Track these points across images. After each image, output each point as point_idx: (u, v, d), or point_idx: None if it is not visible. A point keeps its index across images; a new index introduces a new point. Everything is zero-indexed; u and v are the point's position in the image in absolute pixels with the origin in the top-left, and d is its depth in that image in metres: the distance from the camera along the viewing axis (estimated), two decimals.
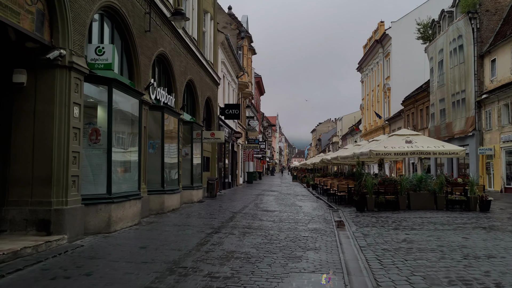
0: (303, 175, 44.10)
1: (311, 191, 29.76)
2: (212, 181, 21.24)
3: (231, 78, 29.48)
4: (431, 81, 37.34)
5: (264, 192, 27.28)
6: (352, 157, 20.65)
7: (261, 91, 57.12)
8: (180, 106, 16.85)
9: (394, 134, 18.70)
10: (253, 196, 23.10)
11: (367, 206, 16.18)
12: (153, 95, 13.78)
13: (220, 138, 20.23)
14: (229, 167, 29.14)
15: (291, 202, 19.79)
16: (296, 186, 37.38)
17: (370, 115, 57.39)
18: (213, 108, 23.48)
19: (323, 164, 35.43)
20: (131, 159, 11.54)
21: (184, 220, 12.71)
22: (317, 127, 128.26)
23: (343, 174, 35.22)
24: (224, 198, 21.11)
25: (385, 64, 51.04)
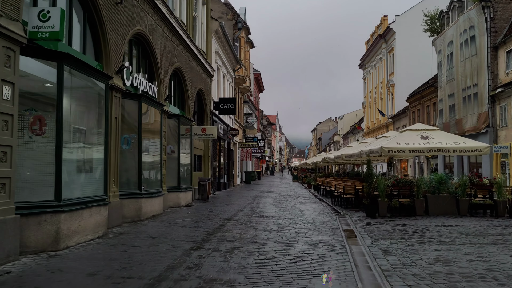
0: (303, 175, 41.84)
1: (312, 192, 27.54)
2: (204, 182, 19.00)
3: (227, 71, 27.26)
4: (439, 75, 35.07)
5: (262, 193, 25.04)
6: (358, 155, 18.40)
7: (260, 88, 54.77)
8: (165, 97, 14.61)
9: (407, 129, 16.45)
10: (249, 199, 20.86)
11: (378, 211, 13.95)
12: (128, 81, 11.54)
13: (212, 134, 18.02)
14: (225, 167, 26.94)
15: (292, 206, 17.55)
16: (296, 186, 35.14)
17: (373, 113, 55.11)
18: (205, 101, 21.24)
19: (325, 163, 33.18)
20: (93, 156, 9.29)
21: (162, 230, 10.46)
22: (318, 126, 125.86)
23: (346, 173, 32.99)
24: (217, 201, 18.87)
25: (388, 59, 48.80)
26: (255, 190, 27.66)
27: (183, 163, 16.59)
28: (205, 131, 18.00)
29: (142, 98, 11.93)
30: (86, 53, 9.86)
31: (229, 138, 28.21)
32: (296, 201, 20.21)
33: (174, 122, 15.76)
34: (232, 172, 29.48)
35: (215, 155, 23.93)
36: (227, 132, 27.08)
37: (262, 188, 31.23)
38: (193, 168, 18.71)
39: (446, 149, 14.88)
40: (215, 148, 24.07)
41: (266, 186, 34.75)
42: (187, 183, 16.84)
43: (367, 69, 58.47)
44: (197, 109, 20.78)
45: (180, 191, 15.63)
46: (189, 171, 17.43)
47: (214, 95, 23.38)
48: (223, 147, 26.71)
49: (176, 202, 15.40)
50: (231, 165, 29.46)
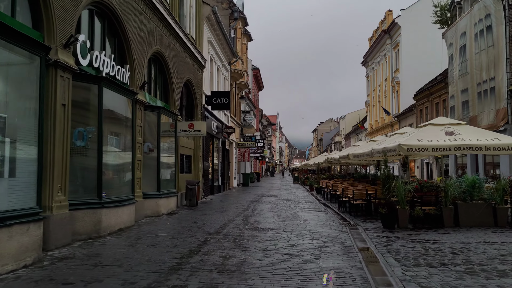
0: (305, 177, 39.21)
1: (315, 195, 24.93)
2: (192, 185, 16.40)
3: (222, 63, 24.70)
4: (450, 70, 32.41)
5: (260, 197, 22.42)
6: (369, 155, 15.76)
7: (260, 86, 52.11)
8: (140, 84, 12.02)
9: (428, 123, 13.82)
10: (245, 204, 18.24)
11: (398, 222, 11.34)
12: (84, 60, 8.95)
13: (201, 131, 15.44)
14: (219, 168, 24.36)
15: (292, 213, 14.93)
16: (297, 189, 32.50)
17: (377, 112, 52.51)
18: (195, 95, 18.64)
19: (328, 164, 30.59)
20: (18, 155, 6.69)
21: (122, 252, 7.86)
22: (319, 126, 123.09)
23: (351, 175, 30.40)
24: (207, 208, 16.26)
25: (393, 56, 46.22)
26: (253, 194, 25.05)
27: (165, 164, 13.99)
28: (193, 127, 15.40)
29: (103, 81, 9.33)
30: (18, 18, 7.29)
31: (224, 137, 25.62)
32: (298, 207, 17.61)
33: (153, 116, 13.16)
34: (227, 173, 26.91)
35: (207, 155, 21.33)
36: (221, 130, 24.50)
37: (261, 191, 28.62)
38: (179, 169, 16.11)
39: (477, 147, 12.24)
40: (208, 147, 21.48)
41: (265, 188, 32.14)
42: (169, 188, 14.23)
43: (370, 66, 55.97)
44: (186, 103, 18.19)
45: (160, 197, 13.01)
46: (173, 173, 14.83)
47: (206, 88, 20.81)
48: (217, 146, 24.12)
49: (155, 211, 12.79)
50: (227, 166, 26.89)
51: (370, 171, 39.69)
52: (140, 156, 11.94)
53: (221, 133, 24.46)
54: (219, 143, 24.36)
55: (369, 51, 54.40)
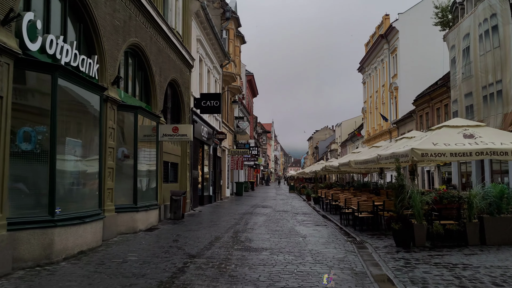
0: (301, 186, 37.44)
1: (313, 206, 23.17)
2: (178, 196, 14.59)
3: (213, 65, 23.01)
4: (453, 73, 30.88)
5: (253, 209, 20.61)
6: (373, 161, 14.04)
7: (254, 92, 50.41)
8: (112, 80, 10.27)
9: (443, 125, 12.13)
10: (236, 217, 16.43)
11: (414, 240, 9.60)
12: (34, 43, 7.19)
13: (186, 135, 13.67)
14: (210, 177, 22.55)
15: (289, 228, 13.14)
16: (294, 199, 30.70)
17: (374, 119, 50.99)
18: (182, 96, 16.90)
19: (326, 172, 28.86)
20: None
21: (72, 285, 6.06)
22: (314, 135, 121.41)
23: (351, 184, 28.68)
24: (193, 221, 14.43)
25: (391, 61, 44.83)
26: (246, 205, 23.23)
27: (144, 172, 12.18)
28: (178, 130, 13.61)
29: (59, 70, 7.56)
30: None
31: (216, 143, 23.85)
32: (295, 219, 15.81)
33: (130, 117, 11.39)
34: (219, 183, 25.09)
35: (196, 162, 19.53)
36: (212, 136, 22.74)
37: (255, 201, 26.79)
38: (163, 178, 14.32)
39: (502, 151, 10.52)
40: (197, 154, 19.69)
41: (260, 198, 30.32)
42: (149, 199, 12.40)
43: (367, 72, 54.59)
44: (171, 105, 16.43)
45: (137, 210, 11.19)
46: (154, 182, 13.02)
47: (195, 90, 19.08)
48: (207, 153, 22.34)
49: (130, 226, 10.96)
50: (219, 175, 25.09)
51: (370, 179, 37.98)
52: (112, 163, 10.15)
53: (212, 139, 22.70)
54: (209, 150, 22.57)
55: (366, 56, 53.05)
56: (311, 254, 8.64)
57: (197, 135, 19.09)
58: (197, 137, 19.21)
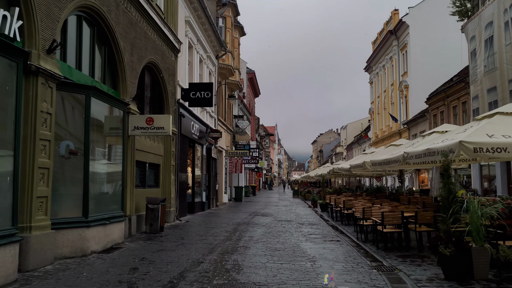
0: (306, 190, 34.37)
1: (319, 213, 20.15)
2: (154, 204, 11.62)
3: (206, 54, 20.11)
4: (473, 67, 27.77)
5: (252, 217, 17.60)
6: (398, 161, 11.02)
7: (256, 92, 47.37)
8: (49, 45, 7.35)
9: (497, 112, 9.15)
10: (229, 229, 13.43)
11: (473, 271, 6.59)
12: None
13: (163, 128, 10.75)
14: (203, 181, 19.56)
15: (293, 245, 10.14)
16: (298, 205, 27.64)
17: (382, 120, 47.92)
18: (165, 85, 13.98)
19: (333, 175, 25.82)
20: None
21: None
22: (318, 138, 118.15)
23: (361, 189, 25.60)
24: (174, 236, 11.43)
25: (400, 58, 41.82)
26: (244, 212, 20.21)
27: (101, 175, 9.22)
28: (152, 122, 10.68)
29: None
30: None
31: (210, 143, 20.88)
32: (300, 232, 12.79)
33: (78, 100, 8.45)
34: (214, 187, 22.11)
35: (184, 164, 16.57)
36: (206, 135, 19.78)
37: (255, 207, 23.77)
38: (136, 182, 11.35)
39: None
40: (185, 154, 16.72)
41: (261, 204, 27.29)
42: (110, 209, 9.41)
43: (374, 71, 51.63)
44: (150, 94, 13.50)
45: (88, 225, 8.20)
46: (119, 188, 10.06)
47: (183, 80, 16.16)
48: (200, 154, 19.37)
49: (77, 248, 7.97)
50: (214, 179, 22.11)
51: (385, 183, 34.65)
52: (47, 161, 7.20)
53: (205, 138, 19.74)
54: (202, 150, 19.61)
55: (373, 55, 50.10)
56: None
57: (185, 132, 16.15)
58: (186, 134, 16.28)
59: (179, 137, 15.25)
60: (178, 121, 15.17)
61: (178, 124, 15.18)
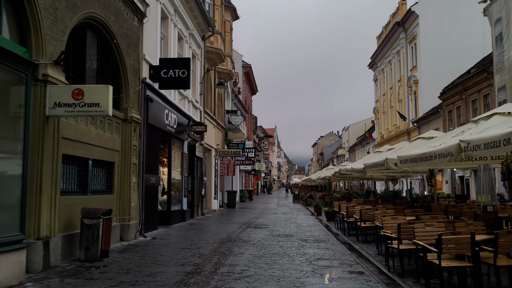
0: (307, 195, 30.53)
1: (325, 223, 16.38)
2: (94, 218, 7.85)
3: (188, 31, 16.36)
4: (499, 54, 23.97)
5: (242, 231, 13.83)
6: (448, 155, 7.31)
7: (253, 89, 43.51)
8: None
9: None
10: (206, 250, 9.65)
11: None
12: None
13: (99, 105, 7.02)
14: (184, 184, 15.68)
15: (294, 282, 6.41)
16: (299, 212, 23.81)
17: (388, 119, 44.19)
18: (122, 56, 10.24)
19: (340, 178, 22.05)
20: None
21: None
22: (319, 140, 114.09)
23: (375, 193, 21.82)
24: (116, 267, 7.65)
25: (409, 52, 38.15)
26: (235, 223, 16.41)
27: None
28: (82, 96, 6.98)
29: None
30: None
31: (194, 139, 17.10)
32: (304, 256, 9.00)
33: None
34: (200, 192, 18.29)
35: (155, 163, 12.79)
36: (187, 128, 16.02)
37: (249, 216, 19.97)
38: (58, 187, 7.56)
39: None
40: (156, 150, 12.95)
41: (257, 211, 23.47)
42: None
43: (379, 68, 47.95)
44: (98, 66, 9.73)
45: None
46: (16, 196, 6.29)
47: (151, 55, 12.43)
48: (179, 151, 15.59)
49: None
50: (200, 182, 18.31)
51: (402, 187, 30.51)
52: None
53: (186, 132, 15.97)
54: (182, 147, 15.82)
55: (378, 50, 46.45)
56: None
57: (156, 122, 12.42)
58: (157, 125, 12.55)
59: (145, 127, 11.52)
60: (143, 106, 11.45)
61: (143, 110, 11.45)
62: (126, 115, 10.51)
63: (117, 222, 10.22)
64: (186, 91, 15.77)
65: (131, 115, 10.59)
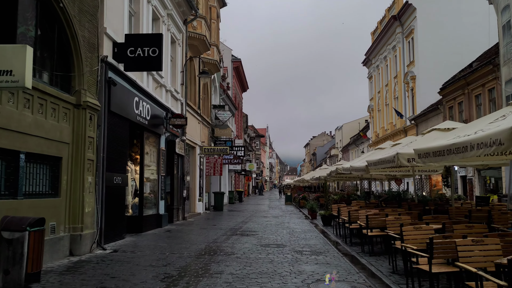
0: (300, 196, 28.48)
1: (321, 228, 14.36)
2: (16, 231, 5.73)
3: (166, 12, 14.20)
4: (505, 44, 22.13)
5: (226, 239, 11.73)
6: (485, 144, 5.31)
7: (243, 85, 41.31)
8: None
9: None
10: (173, 270, 7.56)
11: None
12: None
13: (12, 73, 4.99)
14: (160, 185, 13.48)
15: None
16: (291, 214, 21.75)
17: (383, 117, 42.40)
18: (73, 25, 8.13)
19: (337, 178, 20.04)
20: None
21: None
22: (311, 141, 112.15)
23: (373, 195, 19.86)
24: None
25: (405, 47, 36.37)
26: (219, 228, 14.30)
27: None
28: None
29: None
30: None
31: (173, 134, 14.98)
32: (300, 275, 6.93)
33: None
34: (181, 194, 16.12)
35: (121, 159, 10.64)
36: (164, 121, 13.90)
37: (236, 220, 17.87)
38: None
39: None
40: (123, 144, 10.81)
41: (246, 214, 21.38)
42: None
43: (374, 65, 46.16)
44: (38, 35, 7.59)
45: None
46: None
47: (116, 31, 10.30)
48: (154, 146, 13.45)
49: None
50: (181, 182, 16.15)
51: (407, 188, 28.33)
52: None
53: (164, 125, 13.85)
54: (159, 143, 13.71)
55: (373, 46, 44.66)
56: None
57: (120, 110, 10.29)
58: (123, 115, 10.43)
59: (106, 115, 9.39)
60: (104, 91, 9.33)
61: (104, 95, 9.33)
62: (79, 100, 8.40)
63: (65, 233, 8.08)
64: (163, 78, 13.67)
65: (86, 99, 8.48)
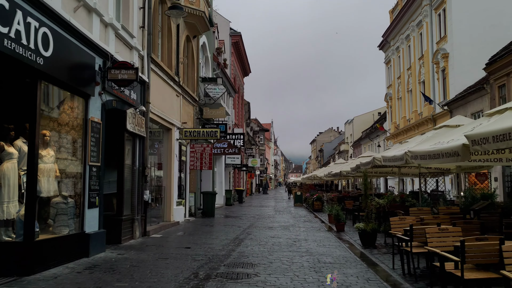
0: (314, 197, 22.35)
1: (361, 250, 8.38)
2: None
3: None
4: None
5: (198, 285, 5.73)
6: None
7: (244, 67, 34.84)
8: None
9: None
10: None
11: None
12: None
13: None
14: (87, 184, 7.42)
15: None
16: (307, 223, 15.64)
17: (405, 106, 36.14)
18: None
19: (372, 172, 13.92)
20: None
21: None
22: (317, 137, 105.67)
23: (442, 200, 13.69)
24: None
25: (434, 21, 30.06)
26: (189, 259, 8.30)
27: None
28: None
29: None
30: None
31: (119, 97, 8.89)
32: None
33: None
34: (140, 196, 10.04)
35: None
36: (100, 72, 7.91)
37: (226, 237, 11.83)
38: None
39: None
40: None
41: (243, 224, 15.30)
42: None
43: (392, 47, 39.81)
44: None
45: None
46: None
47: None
48: (70, 112, 7.40)
49: None
50: (141, 178, 10.02)
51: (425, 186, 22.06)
52: None
53: (95, 80, 7.85)
54: (86, 108, 7.63)
55: (391, 26, 38.34)
56: None
57: None
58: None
59: None
60: None
61: None
62: None
63: None
64: (94, 0, 7.63)
65: None
